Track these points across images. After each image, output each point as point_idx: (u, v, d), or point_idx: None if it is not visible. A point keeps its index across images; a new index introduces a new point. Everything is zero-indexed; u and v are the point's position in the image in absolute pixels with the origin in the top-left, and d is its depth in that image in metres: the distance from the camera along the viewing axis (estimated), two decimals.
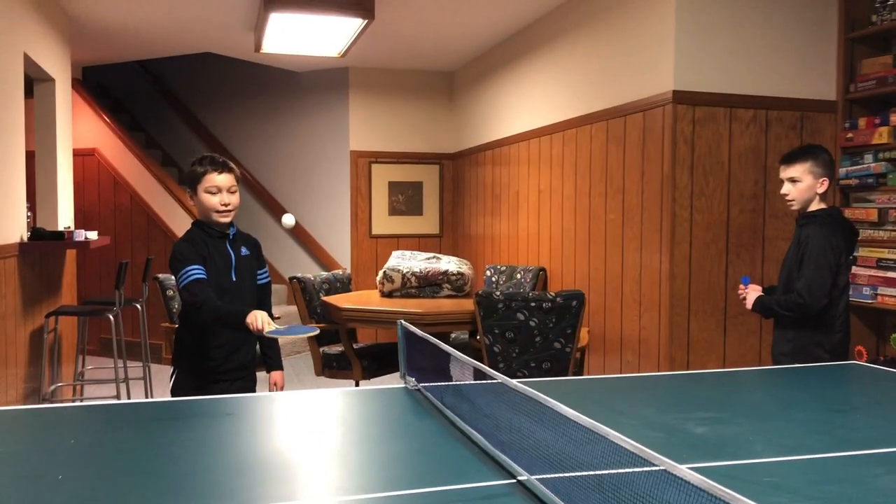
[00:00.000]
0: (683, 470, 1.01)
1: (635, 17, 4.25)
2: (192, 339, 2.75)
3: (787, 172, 3.03)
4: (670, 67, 3.94)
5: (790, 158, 3.04)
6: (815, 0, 4.11)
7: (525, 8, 5.23)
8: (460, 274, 4.73)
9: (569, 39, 5.04)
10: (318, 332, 2.60)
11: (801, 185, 2.99)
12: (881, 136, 3.85)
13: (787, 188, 3.03)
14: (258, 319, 2.47)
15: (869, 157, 3.94)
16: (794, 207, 3.06)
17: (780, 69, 4.09)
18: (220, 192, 2.68)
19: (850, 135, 4.04)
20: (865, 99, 4.04)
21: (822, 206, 3.01)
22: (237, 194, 2.74)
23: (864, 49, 4.09)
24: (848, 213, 4.05)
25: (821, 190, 2.98)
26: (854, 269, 4.02)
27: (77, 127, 6.57)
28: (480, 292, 3.87)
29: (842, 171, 4.09)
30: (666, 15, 3.96)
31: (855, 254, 4.01)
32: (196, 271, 2.61)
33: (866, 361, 3.67)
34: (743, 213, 4.07)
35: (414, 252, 5.04)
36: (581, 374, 4.26)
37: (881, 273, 3.85)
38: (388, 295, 4.75)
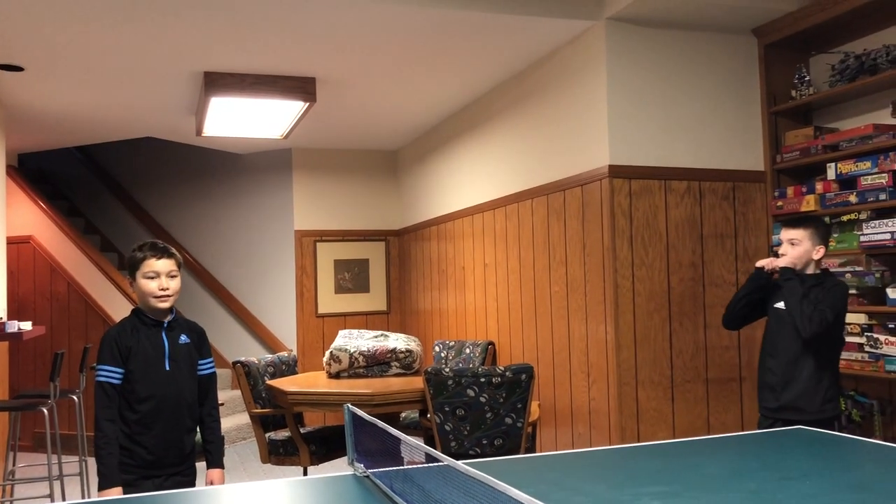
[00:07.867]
0: None
1: (570, 95, 4.40)
2: (123, 431, 2.62)
3: None
4: (605, 143, 4.06)
5: None
6: (739, 77, 4.32)
7: (463, 89, 5.37)
8: (409, 351, 4.69)
9: (507, 118, 5.18)
10: None
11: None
12: (808, 203, 4.01)
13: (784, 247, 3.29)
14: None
15: None
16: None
17: (710, 142, 4.26)
18: (158, 276, 2.64)
19: (780, 203, 4.20)
20: (791, 168, 4.22)
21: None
22: (177, 279, 2.69)
23: (786, 122, 4.29)
24: None
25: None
26: None
27: (12, 214, 6.41)
28: (429, 369, 3.84)
29: (775, 238, 4.22)
30: (599, 93, 4.11)
31: None
32: (105, 373, 2.58)
33: None
34: (682, 281, 4.16)
35: (361, 331, 4.99)
36: (533, 450, 4.22)
37: None
38: (335, 376, 4.67)
